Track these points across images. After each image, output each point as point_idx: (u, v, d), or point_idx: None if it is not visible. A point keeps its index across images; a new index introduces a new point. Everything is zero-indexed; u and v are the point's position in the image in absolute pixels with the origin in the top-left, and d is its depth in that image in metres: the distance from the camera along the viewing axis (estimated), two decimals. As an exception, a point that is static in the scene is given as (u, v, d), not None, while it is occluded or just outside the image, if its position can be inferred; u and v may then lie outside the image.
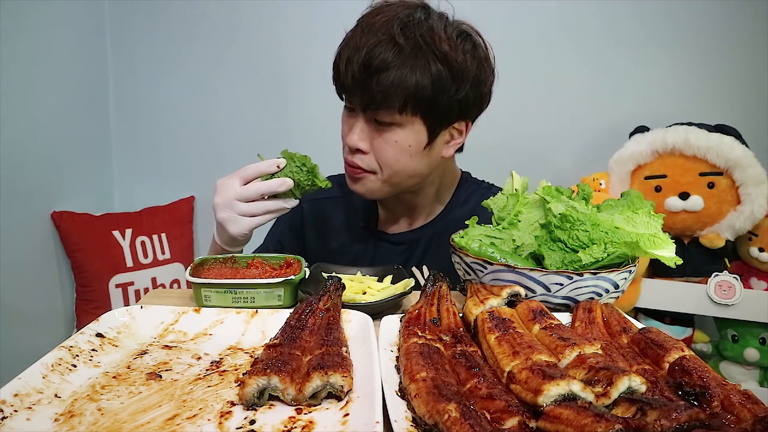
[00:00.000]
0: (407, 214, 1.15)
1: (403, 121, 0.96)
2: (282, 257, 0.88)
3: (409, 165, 1.00)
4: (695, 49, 2.09)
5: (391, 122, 0.96)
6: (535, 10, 2.11)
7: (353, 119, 1.00)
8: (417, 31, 0.93)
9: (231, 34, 2.23)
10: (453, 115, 0.99)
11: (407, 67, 0.92)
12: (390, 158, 0.99)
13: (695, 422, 0.44)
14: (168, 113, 2.31)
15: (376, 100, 0.93)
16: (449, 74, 0.94)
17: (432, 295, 0.73)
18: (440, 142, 1.02)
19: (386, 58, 0.92)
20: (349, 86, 0.96)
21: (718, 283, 1.72)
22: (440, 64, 0.93)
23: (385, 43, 0.92)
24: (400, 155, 0.98)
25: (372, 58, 0.92)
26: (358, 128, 0.99)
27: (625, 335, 0.65)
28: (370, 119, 0.98)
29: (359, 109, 0.98)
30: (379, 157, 0.99)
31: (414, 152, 0.99)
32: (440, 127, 0.99)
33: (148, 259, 2.14)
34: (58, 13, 1.96)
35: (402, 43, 0.92)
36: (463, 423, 0.43)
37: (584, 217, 0.78)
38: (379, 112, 0.95)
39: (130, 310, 0.72)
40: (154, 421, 0.50)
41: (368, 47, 0.92)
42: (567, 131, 2.19)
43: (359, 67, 0.93)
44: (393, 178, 1.01)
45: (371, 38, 0.93)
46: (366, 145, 0.99)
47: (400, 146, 0.98)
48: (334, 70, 1.00)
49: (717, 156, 1.68)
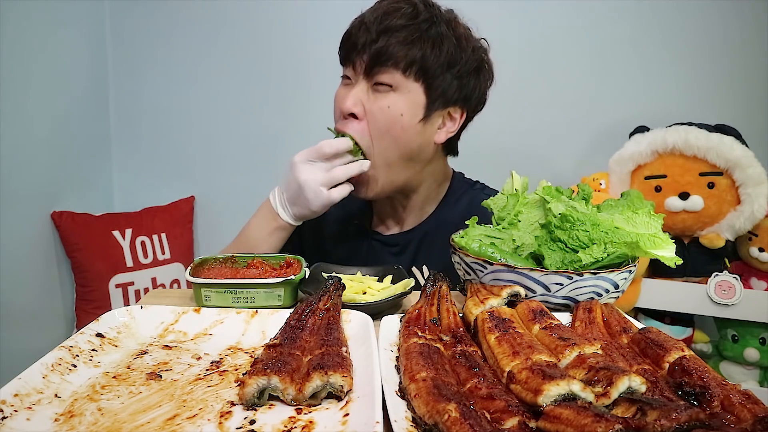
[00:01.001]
0: (399, 215, 1.15)
1: (403, 85, 0.96)
2: (282, 257, 0.88)
3: (401, 137, 0.98)
4: (695, 49, 2.09)
5: (390, 85, 0.96)
6: (535, 10, 2.12)
7: (348, 89, 1.00)
8: (437, 8, 0.99)
9: (231, 34, 2.24)
10: (451, 94, 1.00)
11: (421, 31, 0.95)
12: (381, 124, 0.97)
13: (695, 422, 0.44)
14: (168, 113, 2.31)
15: (383, 57, 0.94)
16: (458, 52, 0.98)
17: (432, 295, 0.72)
18: (434, 122, 1.01)
19: (402, 19, 0.95)
20: (358, 46, 0.96)
21: (718, 283, 1.72)
22: (454, 39, 0.97)
23: (405, 6, 0.96)
24: (392, 123, 0.97)
25: (388, 17, 0.95)
26: (353, 93, 0.98)
27: (625, 335, 0.65)
28: (369, 85, 0.98)
29: (361, 72, 0.98)
30: (371, 124, 0.97)
31: (407, 124, 0.97)
32: (437, 104, 0.99)
33: (148, 259, 2.14)
34: (58, 13, 1.96)
35: (422, 9, 0.96)
36: (463, 423, 0.43)
37: (584, 217, 0.78)
38: (381, 72, 0.96)
39: (130, 310, 0.72)
40: (154, 421, 0.50)
41: (387, 9, 0.96)
42: (567, 131, 2.19)
43: (373, 25, 0.95)
44: (386, 153, 0.99)
45: (392, 4, 0.97)
46: (360, 110, 0.97)
47: (393, 112, 0.97)
48: (344, 35, 1.01)
49: (717, 156, 1.68)
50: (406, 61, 0.94)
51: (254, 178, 2.30)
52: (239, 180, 2.29)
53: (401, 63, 0.94)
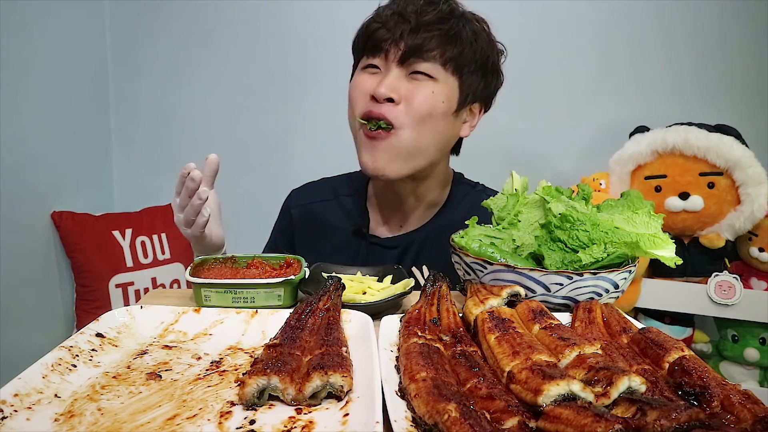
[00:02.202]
0: (400, 216, 1.13)
1: (441, 77, 0.98)
2: (282, 257, 0.88)
3: (439, 123, 0.99)
4: (695, 49, 2.09)
5: (430, 75, 0.97)
6: (535, 10, 2.12)
7: (375, 77, 0.99)
8: (462, 7, 1.02)
9: (231, 34, 2.24)
10: (478, 91, 1.03)
11: (459, 28, 0.97)
12: (424, 108, 0.96)
13: (695, 422, 0.44)
14: (168, 113, 2.31)
15: (425, 48, 0.95)
16: (488, 51, 1.02)
17: (432, 295, 0.72)
18: (461, 116, 1.04)
19: (441, 14, 0.97)
20: (395, 35, 0.96)
21: (718, 283, 1.72)
22: (484, 34, 1.02)
23: (430, 5, 0.98)
24: (433, 108, 0.97)
25: (427, 11, 0.96)
26: (389, 79, 0.96)
27: (625, 335, 0.65)
28: (404, 73, 0.97)
29: (395, 60, 0.97)
30: (411, 107, 0.96)
31: (444, 112, 0.99)
32: (468, 99, 1.02)
33: (148, 259, 2.14)
34: (58, 13, 1.96)
35: (454, 7, 0.99)
36: (463, 423, 0.43)
37: (584, 217, 0.78)
38: (422, 62, 0.96)
39: (130, 310, 0.72)
40: (154, 421, 0.50)
41: (421, 3, 0.98)
42: (567, 131, 2.19)
43: (412, 16, 0.96)
44: (417, 138, 0.98)
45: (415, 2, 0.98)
46: (397, 95, 0.96)
47: (435, 98, 0.97)
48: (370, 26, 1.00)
49: (717, 156, 1.68)
50: (447, 55, 0.97)
51: (254, 178, 2.30)
52: (239, 180, 2.29)
53: (442, 56, 0.96)
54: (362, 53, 1.03)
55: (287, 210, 1.21)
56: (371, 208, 1.17)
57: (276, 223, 1.24)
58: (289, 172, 2.25)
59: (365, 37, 1.01)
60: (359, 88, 1.00)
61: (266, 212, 1.35)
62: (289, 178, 1.40)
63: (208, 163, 0.92)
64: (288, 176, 1.54)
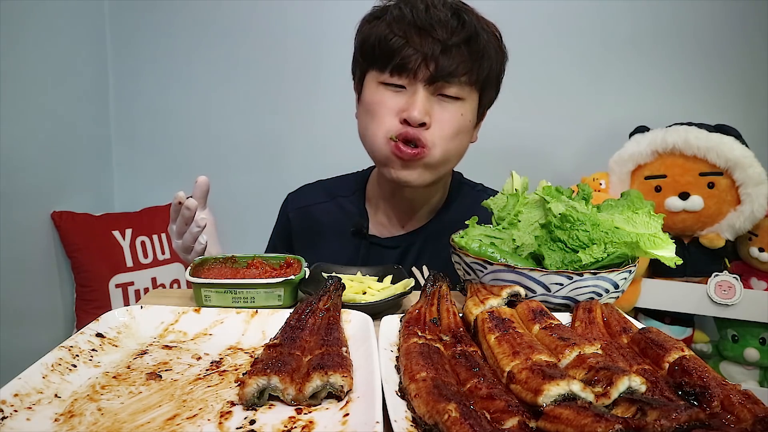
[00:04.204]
0: (400, 217, 1.13)
1: (466, 95, 0.97)
2: (282, 257, 0.88)
3: (465, 138, 1.01)
4: (695, 49, 2.09)
5: (457, 96, 0.96)
6: (535, 10, 2.12)
7: (401, 96, 0.96)
8: (472, 14, 0.97)
9: (231, 34, 2.24)
10: (492, 99, 1.05)
11: (485, 40, 0.96)
12: (454, 129, 0.96)
13: (695, 422, 0.44)
14: (168, 113, 2.31)
15: (457, 71, 0.93)
16: (504, 64, 1.02)
17: (432, 295, 0.73)
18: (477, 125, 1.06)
19: (468, 32, 0.93)
20: (425, 56, 0.92)
21: (718, 283, 1.72)
22: (502, 53, 1.01)
23: (454, 18, 0.94)
24: (461, 127, 0.98)
25: (456, 30, 0.93)
26: (420, 102, 0.93)
27: (625, 335, 0.65)
28: (432, 93, 0.95)
29: (422, 80, 0.93)
30: (442, 128, 0.96)
31: (469, 128, 1.00)
32: (484, 108, 1.03)
33: (148, 259, 2.14)
34: (58, 13, 1.96)
35: (467, 20, 0.95)
36: (463, 423, 0.43)
37: (584, 217, 0.78)
38: (451, 86, 0.94)
39: (130, 310, 0.72)
40: (154, 421, 0.50)
41: (440, 21, 0.93)
42: (567, 131, 2.19)
43: (442, 32, 0.92)
44: (445, 154, 0.98)
45: (435, 14, 0.93)
46: (429, 120, 0.95)
47: (464, 119, 0.97)
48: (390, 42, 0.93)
49: (717, 156, 1.68)
50: (474, 76, 0.96)
51: (254, 178, 2.30)
52: (239, 180, 2.29)
53: (470, 78, 0.95)
54: (379, 66, 0.96)
55: (285, 214, 1.21)
56: (370, 209, 1.16)
57: (274, 228, 1.24)
58: (289, 171, 2.25)
59: (385, 51, 0.94)
60: (386, 107, 0.96)
61: (266, 212, 1.35)
62: (289, 178, 1.41)
63: (198, 185, 0.90)
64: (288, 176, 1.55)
